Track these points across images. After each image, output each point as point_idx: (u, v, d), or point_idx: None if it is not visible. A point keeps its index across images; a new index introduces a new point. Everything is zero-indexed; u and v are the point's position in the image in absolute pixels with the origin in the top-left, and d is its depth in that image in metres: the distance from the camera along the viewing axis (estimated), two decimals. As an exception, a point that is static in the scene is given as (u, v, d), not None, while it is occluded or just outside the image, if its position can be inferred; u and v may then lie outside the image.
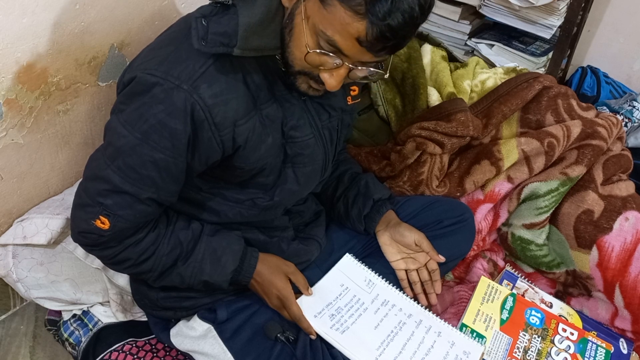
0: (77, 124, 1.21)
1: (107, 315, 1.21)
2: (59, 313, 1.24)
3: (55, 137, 1.18)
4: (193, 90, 0.81)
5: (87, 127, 1.23)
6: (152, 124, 0.83)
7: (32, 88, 1.07)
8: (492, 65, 1.74)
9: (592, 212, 1.28)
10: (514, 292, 1.25)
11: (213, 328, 1.03)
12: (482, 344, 1.11)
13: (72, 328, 1.21)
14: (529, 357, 1.13)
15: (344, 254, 1.19)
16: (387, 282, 1.15)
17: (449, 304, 1.29)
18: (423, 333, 1.08)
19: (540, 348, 1.15)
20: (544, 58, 1.86)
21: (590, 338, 1.18)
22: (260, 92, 0.89)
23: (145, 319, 1.19)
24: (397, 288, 1.15)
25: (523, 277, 1.36)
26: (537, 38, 1.88)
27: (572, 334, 1.18)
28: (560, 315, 1.25)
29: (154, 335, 1.16)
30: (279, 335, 1.01)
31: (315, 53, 0.80)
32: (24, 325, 1.31)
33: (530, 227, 1.34)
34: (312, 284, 1.10)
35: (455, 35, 1.92)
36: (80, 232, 0.91)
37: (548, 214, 1.32)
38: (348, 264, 1.17)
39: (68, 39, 1.08)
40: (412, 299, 1.14)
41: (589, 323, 1.26)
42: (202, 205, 1.01)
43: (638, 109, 1.88)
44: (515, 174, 1.33)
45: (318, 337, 1.03)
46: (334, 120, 1.04)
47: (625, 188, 1.34)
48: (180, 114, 0.82)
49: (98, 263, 1.18)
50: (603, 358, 1.15)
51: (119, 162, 0.85)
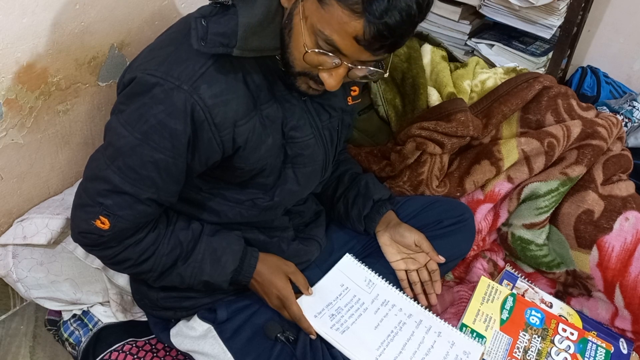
0: (77, 124, 1.21)
1: (107, 315, 1.21)
2: (59, 313, 1.24)
3: (55, 137, 1.18)
4: (193, 91, 0.81)
5: (87, 127, 1.23)
6: (152, 125, 0.83)
7: (32, 88, 1.07)
8: (492, 65, 1.74)
9: (592, 212, 1.28)
10: (514, 292, 1.25)
11: (213, 328, 1.03)
12: (482, 344, 1.11)
13: (72, 328, 1.21)
14: (529, 357, 1.13)
15: (344, 254, 1.19)
16: (387, 282, 1.15)
17: (449, 304, 1.29)
18: (423, 333, 1.08)
19: (540, 348, 1.15)
20: (544, 58, 1.86)
21: (590, 338, 1.18)
22: (261, 92, 0.89)
23: (145, 319, 1.19)
24: (397, 288, 1.15)
25: (523, 277, 1.36)
26: (537, 38, 1.88)
27: (572, 334, 1.18)
28: (560, 315, 1.25)
29: (154, 335, 1.16)
30: (279, 335, 1.01)
31: (314, 53, 0.80)
32: (24, 325, 1.31)
33: (530, 227, 1.34)
34: (312, 284, 1.10)
35: (455, 35, 1.92)
36: (81, 232, 0.91)
37: (548, 214, 1.32)
38: (348, 264, 1.17)
39: (68, 39, 1.08)
40: (412, 299, 1.14)
41: (589, 323, 1.26)
42: (202, 206, 1.01)
43: (638, 109, 1.88)
44: (515, 174, 1.32)
45: (318, 337, 1.03)
46: (335, 121, 1.04)
47: (625, 188, 1.34)
48: (181, 115, 0.82)
49: (98, 263, 1.18)
50: (603, 358, 1.15)
51: (119, 162, 0.85)
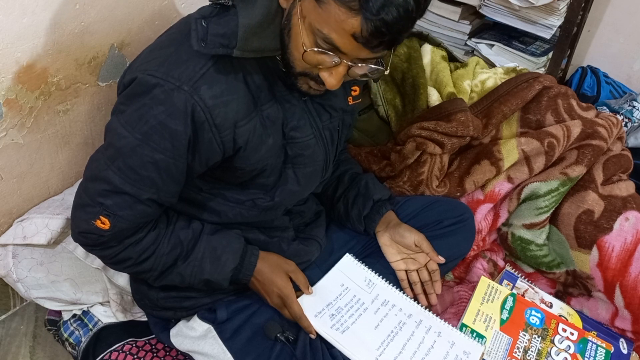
0: (77, 124, 1.21)
1: (107, 315, 1.21)
2: (59, 313, 1.24)
3: (55, 137, 1.18)
4: (193, 92, 0.81)
5: (87, 127, 1.23)
6: (152, 125, 0.83)
7: (32, 88, 1.07)
8: (492, 65, 1.74)
9: (592, 212, 1.28)
10: (514, 292, 1.25)
11: (213, 328, 1.03)
12: (482, 344, 1.11)
13: (72, 328, 1.21)
14: (529, 357, 1.13)
15: (344, 254, 1.19)
16: (387, 282, 1.15)
17: (449, 304, 1.29)
18: (423, 333, 1.08)
19: (540, 348, 1.15)
20: (544, 58, 1.86)
21: (590, 338, 1.18)
22: (261, 92, 0.89)
23: (145, 319, 1.19)
24: (397, 288, 1.15)
25: (523, 277, 1.36)
26: (537, 38, 1.88)
27: (572, 334, 1.18)
28: (560, 315, 1.25)
29: (154, 335, 1.16)
30: (279, 335, 1.01)
31: (313, 52, 0.80)
32: (24, 325, 1.31)
33: (531, 227, 1.34)
34: (312, 284, 1.10)
35: (455, 35, 1.92)
36: (81, 232, 0.91)
37: (548, 214, 1.32)
38: (348, 264, 1.17)
39: (68, 39, 1.08)
40: (412, 299, 1.14)
41: (589, 323, 1.26)
42: (202, 206, 1.01)
43: (638, 109, 1.88)
44: (515, 174, 1.32)
45: (318, 337, 1.03)
46: (335, 121, 1.04)
47: (626, 188, 1.34)
48: (181, 115, 0.82)
49: (98, 263, 1.18)
50: (603, 358, 1.15)
51: (119, 162, 0.85)
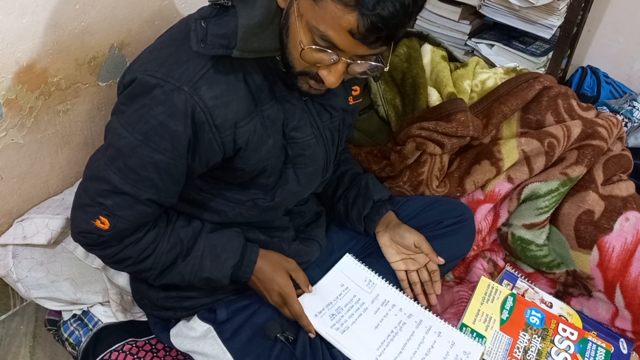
0: (77, 124, 1.21)
1: (107, 315, 1.21)
2: (59, 313, 1.24)
3: (55, 137, 1.18)
4: (194, 92, 0.81)
5: (87, 127, 1.23)
6: (152, 126, 0.83)
7: (32, 88, 1.07)
8: (492, 65, 1.74)
9: (592, 212, 1.28)
10: (514, 292, 1.25)
11: (213, 328, 1.03)
12: (482, 344, 1.11)
13: (72, 328, 1.21)
14: (529, 357, 1.13)
15: (344, 254, 1.19)
16: (387, 282, 1.15)
17: (449, 304, 1.29)
18: (423, 333, 1.08)
19: (540, 348, 1.15)
20: (544, 58, 1.86)
21: (590, 338, 1.18)
22: (261, 93, 0.89)
23: (145, 319, 1.19)
24: (397, 288, 1.15)
25: (523, 277, 1.36)
26: (537, 38, 1.88)
27: (572, 334, 1.18)
28: (560, 315, 1.25)
29: (154, 335, 1.16)
30: (279, 335, 1.01)
31: (311, 49, 0.80)
32: (24, 325, 1.31)
33: (531, 227, 1.34)
34: (312, 284, 1.09)
35: (455, 35, 1.92)
36: (81, 232, 0.91)
37: (548, 214, 1.32)
38: (348, 264, 1.17)
39: (68, 39, 1.08)
40: (412, 299, 1.14)
41: (589, 323, 1.26)
42: (202, 206, 1.01)
43: (638, 109, 1.89)
44: (516, 174, 1.32)
45: (317, 336, 1.03)
46: (335, 121, 1.04)
47: (626, 188, 1.33)
48: (181, 116, 0.82)
49: (98, 263, 1.18)
50: (603, 358, 1.15)
51: (119, 163, 0.85)
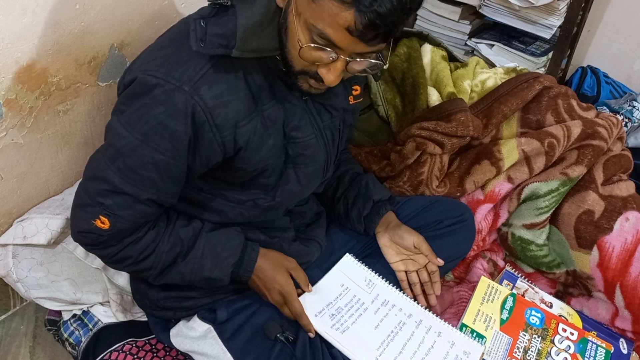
0: (77, 124, 1.21)
1: (107, 315, 1.21)
2: (59, 313, 1.24)
3: (55, 137, 1.18)
4: (194, 92, 0.81)
5: (87, 127, 1.23)
6: (152, 125, 0.83)
7: (32, 88, 1.07)
8: (492, 65, 1.74)
9: (592, 212, 1.28)
10: (514, 292, 1.25)
11: (213, 328, 1.03)
12: (482, 344, 1.11)
13: (72, 328, 1.21)
14: (529, 357, 1.13)
15: (344, 254, 1.19)
16: (387, 282, 1.15)
17: (449, 304, 1.29)
18: (423, 333, 1.08)
19: (540, 348, 1.15)
20: (544, 58, 1.86)
21: (590, 338, 1.18)
22: (262, 93, 0.89)
23: (145, 319, 1.19)
24: (397, 288, 1.15)
25: (523, 277, 1.36)
26: (537, 38, 1.88)
27: (572, 334, 1.18)
28: (560, 315, 1.25)
29: (154, 335, 1.16)
30: (279, 336, 1.01)
31: (309, 48, 0.79)
32: (24, 325, 1.31)
33: (531, 227, 1.34)
34: (312, 284, 1.09)
35: (455, 35, 1.92)
36: (80, 231, 0.91)
37: (548, 214, 1.32)
38: (348, 264, 1.17)
39: (68, 39, 1.08)
40: (412, 299, 1.14)
41: (589, 323, 1.26)
42: (203, 206, 1.01)
43: (638, 109, 1.89)
44: (516, 174, 1.32)
45: (317, 336, 1.03)
46: (336, 121, 1.04)
47: (626, 188, 1.33)
48: (181, 116, 0.82)
49: (98, 263, 1.18)
50: (603, 358, 1.15)
51: (119, 162, 0.85)
